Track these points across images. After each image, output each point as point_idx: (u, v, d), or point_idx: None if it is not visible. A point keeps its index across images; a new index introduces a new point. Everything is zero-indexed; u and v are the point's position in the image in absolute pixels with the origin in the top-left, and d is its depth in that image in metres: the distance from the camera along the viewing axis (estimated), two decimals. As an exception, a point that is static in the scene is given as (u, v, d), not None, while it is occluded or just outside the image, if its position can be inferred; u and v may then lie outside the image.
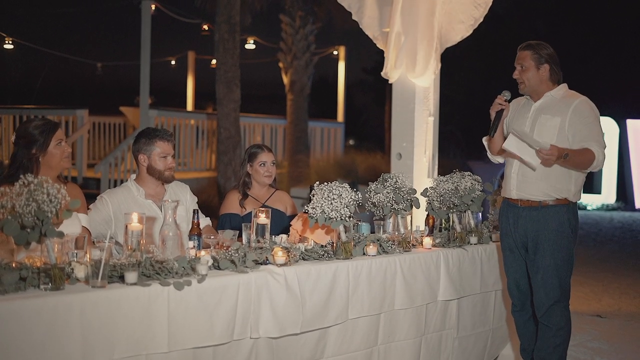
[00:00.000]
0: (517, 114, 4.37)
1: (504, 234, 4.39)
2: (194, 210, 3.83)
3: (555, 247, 4.15)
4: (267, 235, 3.74)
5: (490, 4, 5.56)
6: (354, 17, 5.81)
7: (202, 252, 3.43)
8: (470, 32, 5.72)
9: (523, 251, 4.31)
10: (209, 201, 11.36)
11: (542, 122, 4.20)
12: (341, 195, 3.76)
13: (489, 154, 4.56)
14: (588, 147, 4.04)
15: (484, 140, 4.57)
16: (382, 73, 5.77)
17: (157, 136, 4.19)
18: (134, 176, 4.28)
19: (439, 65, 5.71)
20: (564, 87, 4.29)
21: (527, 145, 4.01)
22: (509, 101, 4.36)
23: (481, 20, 5.67)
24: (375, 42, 5.84)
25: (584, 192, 17.93)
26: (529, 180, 4.21)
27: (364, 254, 3.97)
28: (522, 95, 4.40)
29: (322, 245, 3.86)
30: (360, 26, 5.82)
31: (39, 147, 3.74)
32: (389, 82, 5.81)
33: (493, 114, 4.32)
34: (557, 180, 4.17)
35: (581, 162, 4.06)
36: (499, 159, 4.51)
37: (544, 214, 4.18)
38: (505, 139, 4.27)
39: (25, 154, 3.73)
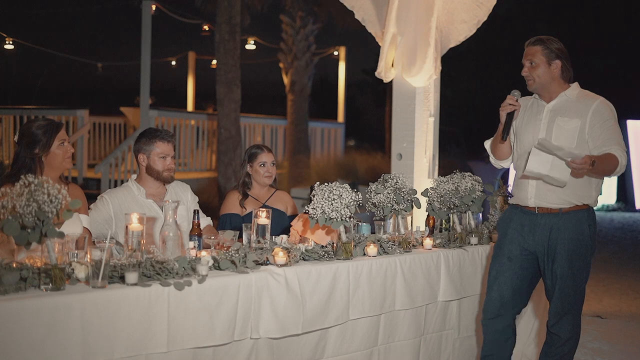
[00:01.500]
0: (527, 115, 4.09)
1: (508, 241, 4.10)
2: (195, 210, 3.83)
3: (574, 257, 3.93)
4: (268, 235, 3.74)
5: (494, 3, 5.51)
6: (356, 16, 5.80)
7: (203, 253, 3.43)
8: (474, 31, 5.62)
9: (530, 261, 4.06)
10: (210, 201, 11.37)
11: (560, 124, 3.93)
12: (341, 195, 3.76)
13: (492, 158, 4.30)
14: (610, 152, 3.80)
15: (487, 144, 4.32)
16: (375, 73, 5.75)
17: (157, 136, 4.20)
18: (134, 176, 4.29)
19: (440, 66, 5.69)
20: (577, 86, 4.04)
21: (555, 158, 3.70)
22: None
23: (485, 19, 5.55)
24: (377, 40, 5.83)
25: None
26: (550, 189, 3.93)
27: (364, 254, 3.97)
28: (530, 94, 4.16)
29: (322, 246, 3.86)
30: (363, 24, 5.81)
31: (42, 147, 3.75)
32: (384, 81, 5.79)
33: (504, 116, 4.02)
34: (579, 187, 3.94)
35: (607, 169, 3.82)
36: (504, 164, 4.26)
37: (564, 221, 3.94)
38: (512, 145, 4.08)
39: (28, 153, 3.74)
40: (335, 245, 3.85)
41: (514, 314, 4.17)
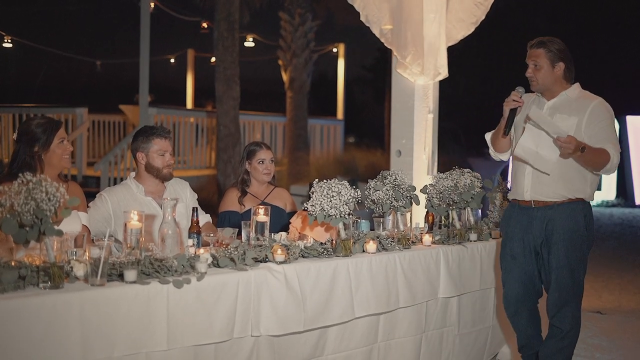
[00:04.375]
0: (529, 111, 4.12)
1: (509, 239, 4.22)
2: (194, 207, 3.83)
3: (570, 247, 4.01)
4: (267, 232, 3.74)
5: (492, 2, 5.49)
6: (361, 18, 5.75)
7: (202, 250, 3.43)
8: (472, 30, 5.58)
9: (533, 256, 4.14)
10: (209, 199, 11.37)
11: (557, 121, 4.00)
12: (340, 192, 3.76)
13: (491, 151, 4.38)
14: (604, 148, 3.91)
15: (488, 137, 4.39)
16: (405, 74, 5.66)
17: (154, 134, 4.20)
18: (133, 174, 4.29)
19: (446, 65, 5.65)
20: (577, 86, 4.14)
21: (545, 136, 3.83)
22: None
23: (483, 17, 5.54)
24: (382, 40, 5.79)
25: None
26: (544, 182, 4.04)
27: (363, 251, 3.97)
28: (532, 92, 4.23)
29: (321, 243, 3.86)
30: (367, 24, 5.77)
31: (41, 145, 3.75)
32: (418, 82, 5.66)
33: (507, 111, 4.09)
34: (572, 181, 4.02)
35: (596, 161, 3.92)
36: (502, 157, 4.36)
37: (559, 212, 4.02)
38: (512, 139, 4.14)
39: (28, 151, 3.74)
40: (334, 242, 3.85)
41: (533, 305, 4.28)
